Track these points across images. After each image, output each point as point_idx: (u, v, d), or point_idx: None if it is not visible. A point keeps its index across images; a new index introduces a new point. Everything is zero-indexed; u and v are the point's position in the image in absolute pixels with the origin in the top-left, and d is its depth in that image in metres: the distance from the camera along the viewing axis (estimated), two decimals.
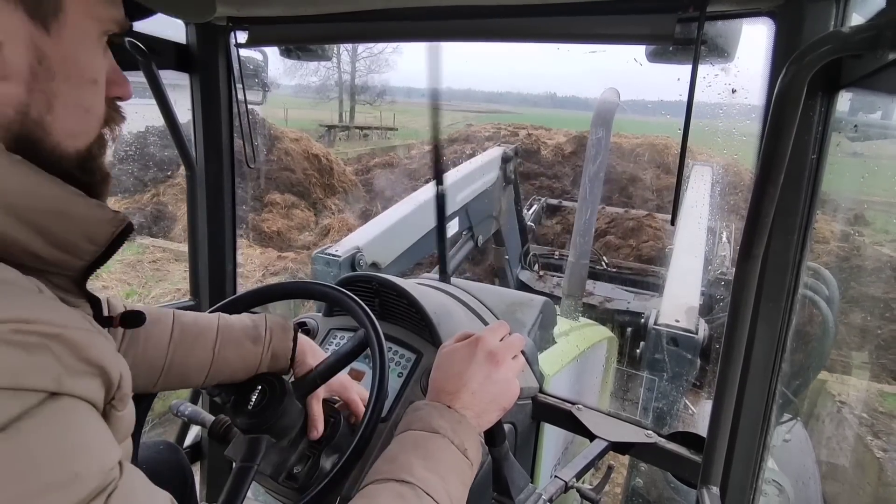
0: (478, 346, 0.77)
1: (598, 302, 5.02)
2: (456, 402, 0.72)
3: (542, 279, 5.48)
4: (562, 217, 8.54)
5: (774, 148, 0.69)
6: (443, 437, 0.67)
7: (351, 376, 1.18)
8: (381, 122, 19.38)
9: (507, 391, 0.77)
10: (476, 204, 4.03)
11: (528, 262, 5.53)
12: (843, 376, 3.88)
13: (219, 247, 1.62)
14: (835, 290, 1.84)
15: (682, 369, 2.42)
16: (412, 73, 34.71)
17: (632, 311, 4.81)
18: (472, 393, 0.73)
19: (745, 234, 0.74)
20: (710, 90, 1.10)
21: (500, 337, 0.80)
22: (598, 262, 5.82)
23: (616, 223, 8.88)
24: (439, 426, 0.68)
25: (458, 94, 30.32)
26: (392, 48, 22.80)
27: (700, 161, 6.40)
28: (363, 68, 22.97)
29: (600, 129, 3.86)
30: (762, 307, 0.87)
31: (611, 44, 1.03)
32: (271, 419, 0.87)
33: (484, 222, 4.30)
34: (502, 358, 0.77)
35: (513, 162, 4.60)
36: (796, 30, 0.81)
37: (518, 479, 0.91)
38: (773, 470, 1.76)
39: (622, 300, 5.08)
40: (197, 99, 1.50)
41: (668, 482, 1.95)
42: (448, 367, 0.77)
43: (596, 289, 5.27)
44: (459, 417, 0.71)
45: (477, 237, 4.16)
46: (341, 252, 2.70)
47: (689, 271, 2.95)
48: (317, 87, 23.28)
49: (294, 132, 10.95)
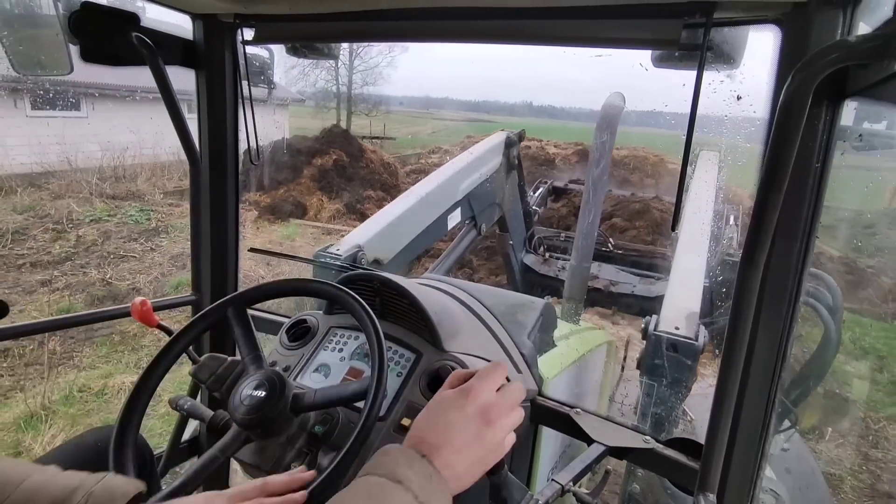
0: (469, 398, 0.69)
1: (602, 285, 4.83)
2: (435, 458, 0.64)
3: (547, 262, 5.27)
4: (567, 200, 8.39)
5: (779, 155, 0.69)
6: (406, 490, 0.59)
7: (350, 375, 1.18)
8: (372, 130, 19.47)
9: (495, 453, 0.70)
10: (479, 192, 3.92)
11: (532, 245, 5.44)
12: (843, 385, 3.88)
13: (222, 243, 1.63)
14: (838, 298, 1.83)
15: (682, 375, 2.41)
16: (404, 85, 34.73)
17: (637, 294, 4.67)
18: (457, 451, 0.66)
19: (748, 240, 0.74)
20: (716, 96, 1.10)
21: (495, 386, 0.72)
22: (605, 244, 5.70)
23: (621, 206, 8.86)
24: (405, 476, 0.60)
25: (436, 102, 30.47)
26: (387, 62, 22.99)
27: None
28: (359, 80, 23.13)
29: (605, 133, 3.84)
30: (763, 314, 0.87)
31: (616, 48, 1.03)
32: (269, 415, 0.87)
33: (487, 210, 4.19)
34: (496, 415, 0.69)
35: (516, 147, 4.45)
36: (803, 38, 0.81)
37: (516, 494, 0.90)
38: (770, 479, 1.75)
39: (627, 283, 4.88)
40: (203, 95, 1.50)
41: (665, 488, 1.94)
42: (435, 416, 0.69)
43: (601, 271, 5.08)
44: (431, 472, 0.62)
45: (480, 225, 4.06)
46: (342, 251, 2.70)
47: (690, 274, 2.93)
48: (315, 97, 23.43)
49: (369, 146, 13.92)
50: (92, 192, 9.28)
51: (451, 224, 3.65)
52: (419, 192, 3.44)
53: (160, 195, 9.99)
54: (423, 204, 3.36)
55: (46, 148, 9.74)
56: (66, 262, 6.88)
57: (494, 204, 4.32)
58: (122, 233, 8.10)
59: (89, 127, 10.28)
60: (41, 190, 8.84)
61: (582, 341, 2.38)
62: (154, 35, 1.31)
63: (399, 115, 24.32)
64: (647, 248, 6.06)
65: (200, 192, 1.58)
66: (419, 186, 3.57)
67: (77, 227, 7.94)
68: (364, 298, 1.02)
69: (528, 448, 1.46)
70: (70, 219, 8.16)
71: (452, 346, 1.19)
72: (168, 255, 7.61)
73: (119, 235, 7.99)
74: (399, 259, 3.12)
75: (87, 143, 10.05)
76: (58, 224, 7.91)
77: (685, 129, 0.96)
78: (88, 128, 10.28)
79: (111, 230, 8.08)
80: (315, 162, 11.88)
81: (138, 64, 1.30)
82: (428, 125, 25.01)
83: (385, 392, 0.93)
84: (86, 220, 8.26)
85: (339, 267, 2.50)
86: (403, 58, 29.51)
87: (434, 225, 3.45)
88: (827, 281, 1.87)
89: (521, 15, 1.07)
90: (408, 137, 20.24)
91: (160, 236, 8.28)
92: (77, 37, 1.17)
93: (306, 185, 11.36)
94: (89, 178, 9.58)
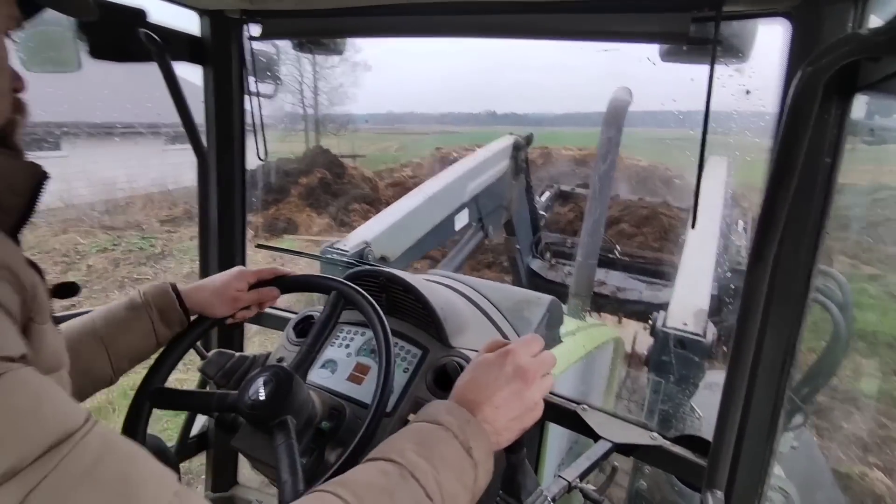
0: (507, 359, 0.73)
1: (609, 292, 4.82)
2: (477, 414, 0.69)
3: (554, 268, 5.29)
4: (574, 204, 8.35)
5: (788, 150, 0.69)
6: (446, 429, 0.65)
7: (356, 371, 1.18)
8: (341, 150, 19.56)
9: (532, 412, 0.73)
10: (486, 195, 3.94)
11: (539, 250, 5.43)
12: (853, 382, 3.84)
13: (229, 238, 1.63)
14: (849, 295, 1.82)
15: (689, 372, 2.40)
16: (370, 103, 34.83)
17: (644, 301, 4.64)
18: (496, 408, 0.70)
19: (756, 238, 0.73)
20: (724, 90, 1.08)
21: (533, 352, 0.76)
22: (611, 250, 5.67)
23: (629, 211, 8.82)
24: (445, 420, 0.66)
25: (401, 117, 30.39)
26: (351, 81, 22.81)
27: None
28: (325, 101, 23.07)
29: (611, 129, 3.82)
30: (772, 311, 0.86)
31: (624, 42, 1.02)
32: (290, 404, 0.88)
33: (494, 213, 4.20)
34: (533, 376, 0.73)
35: (524, 150, 4.47)
36: (813, 31, 0.80)
37: (529, 485, 0.91)
38: (779, 476, 1.74)
39: (634, 290, 4.88)
40: (210, 91, 1.51)
41: (673, 485, 1.93)
42: (475, 377, 0.73)
43: (608, 278, 5.06)
44: (470, 418, 0.68)
45: (487, 228, 4.06)
46: (349, 247, 2.70)
47: (699, 272, 2.92)
48: (283, 121, 23.51)
49: (351, 163, 14.75)
50: (93, 225, 9.55)
51: (458, 225, 3.65)
52: (427, 192, 3.44)
53: (157, 223, 10.35)
54: (430, 203, 3.36)
55: None
56: (83, 290, 7.04)
57: (502, 207, 4.34)
58: (130, 259, 8.34)
59: (73, 165, 10.42)
60: (39, 228, 8.96)
61: (588, 338, 2.37)
62: (161, 31, 1.32)
63: (366, 133, 24.20)
64: (655, 254, 6.04)
65: (208, 187, 1.59)
66: (427, 186, 3.58)
67: (85, 258, 8.17)
68: (371, 294, 1.03)
69: (534, 444, 1.46)
70: (76, 251, 8.39)
71: (459, 342, 1.19)
72: (180, 274, 7.90)
73: (127, 262, 8.22)
74: (405, 257, 3.12)
75: (74, 180, 10.19)
76: (66, 256, 8.12)
77: (702, 131, 0.95)
78: (72, 166, 10.41)
79: (119, 258, 8.32)
80: (301, 181, 12.57)
81: (145, 60, 1.30)
82: (395, 140, 24.99)
83: (392, 388, 0.93)
84: (92, 250, 8.47)
85: (345, 263, 2.50)
86: (367, 76, 29.50)
87: (441, 225, 3.45)
88: (837, 277, 1.85)
89: (528, 9, 1.06)
90: (377, 154, 20.29)
91: (167, 260, 8.56)
92: (85, 34, 1.17)
93: (295, 204, 11.95)
94: (88, 212, 9.88)
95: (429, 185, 3.59)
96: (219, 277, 1.05)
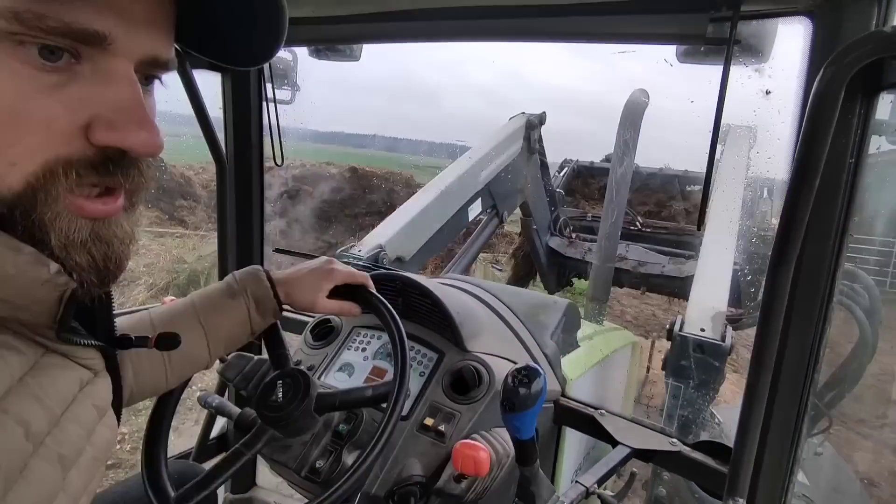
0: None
1: (630, 266, 4.67)
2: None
3: (573, 244, 5.12)
4: (595, 179, 8.09)
5: (810, 151, 0.67)
6: None
7: (373, 374, 1.19)
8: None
9: None
10: (499, 180, 3.83)
11: (558, 227, 5.24)
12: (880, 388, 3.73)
13: (247, 242, 1.66)
14: (876, 298, 1.77)
15: (709, 377, 2.36)
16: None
17: (666, 274, 4.51)
18: None
19: (778, 239, 0.72)
20: (744, 90, 1.07)
21: None
22: (632, 222, 5.42)
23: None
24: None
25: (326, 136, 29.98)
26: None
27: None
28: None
29: (628, 131, 3.79)
30: (795, 315, 0.85)
31: (641, 43, 1.01)
32: (293, 413, 0.88)
33: (509, 198, 4.09)
34: None
35: (537, 130, 4.28)
36: (835, 29, 0.79)
37: (545, 494, 0.90)
38: (803, 483, 1.70)
39: (656, 264, 4.71)
40: (228, 97, 1.53)
41: (693, 492, 1.90)
42: None
43: (629, 252, 4.89)
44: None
45: (502, 213, 3.96)
46: (364, 251, 2.71)
47: (716, 275, 2.86)
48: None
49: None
50: None
51: (471, 215, 3.56)
52: (438, 186, 3.35)
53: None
54: (442, 197, 3.29)
55: None
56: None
57: (516, 190, 4.20)
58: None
59: None
60: None
61: (606, 342, 2.35)
62: None
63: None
64: (677, 225, 5.76)
65: (226, 193, 1.61)
66: (438, 180, 3.48)
67: None
68: (387, 298, 1.03)
69: (551, 449, 1.45)
70: None
71: (475, 347, 1.19)
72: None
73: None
74: (421, 255, 3.10)
75: None
76: None
77: (711, 134, 0.94)
78: None
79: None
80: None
81: None
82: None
83: (408, 392, 0.93)
84: None
85: (361, 267, 2.52)
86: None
87: (454, 218, 3.37)
88: (864, 280, 1.81)
89: (545, 12, 1.06)
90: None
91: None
92: None
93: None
94: None
95: (440, 179, 3.48)
96: (309, 274, 1.01)
